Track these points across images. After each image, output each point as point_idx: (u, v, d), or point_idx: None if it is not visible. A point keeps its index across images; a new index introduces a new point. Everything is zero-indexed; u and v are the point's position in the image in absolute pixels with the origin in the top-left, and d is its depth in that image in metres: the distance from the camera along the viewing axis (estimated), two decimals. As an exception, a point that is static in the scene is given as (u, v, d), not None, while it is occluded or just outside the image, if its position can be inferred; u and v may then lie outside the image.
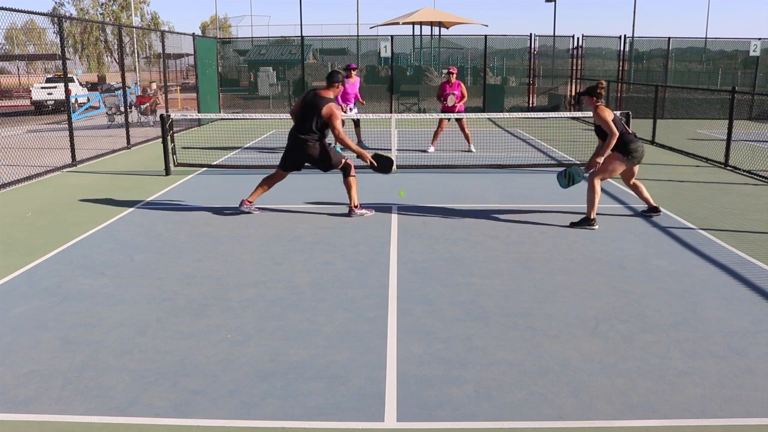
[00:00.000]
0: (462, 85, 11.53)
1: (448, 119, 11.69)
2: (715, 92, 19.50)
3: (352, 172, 6.91)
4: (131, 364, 3.66)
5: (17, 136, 13.83)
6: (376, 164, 6.93)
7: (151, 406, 3.21)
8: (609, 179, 6.88)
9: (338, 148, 8.80)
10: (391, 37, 20.05)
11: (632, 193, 7.07)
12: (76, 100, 20.48)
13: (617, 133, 6.27)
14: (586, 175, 6.63)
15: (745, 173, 9.66)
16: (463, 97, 11.53)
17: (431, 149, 11.99)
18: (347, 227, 6.60)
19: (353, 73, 11.59)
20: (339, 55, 24.15)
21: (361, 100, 11.82)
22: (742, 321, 4.21)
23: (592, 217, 6.46)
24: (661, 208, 7.33)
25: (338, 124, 6.63)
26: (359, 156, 6.79)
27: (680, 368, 3.58)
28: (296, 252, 5.77)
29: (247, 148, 12.88)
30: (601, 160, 6.40)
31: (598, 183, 6.42)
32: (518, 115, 12.30)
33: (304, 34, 21.82)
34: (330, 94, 6.74)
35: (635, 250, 5.76)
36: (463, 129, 11.83)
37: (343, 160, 6.90)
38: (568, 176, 6.80)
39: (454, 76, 11.47)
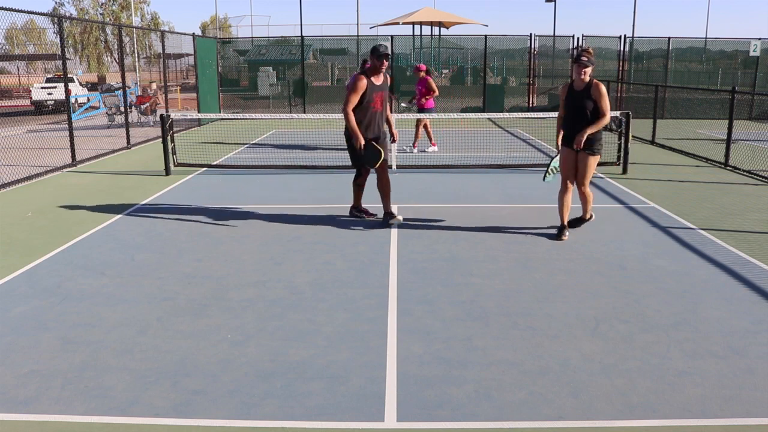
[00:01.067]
0: (429, 80, 11.50)
1: (421, 118, 11.87)
2: (715, 92, 19.49)
3: (362, 180, 6.81)
4: (131, 363, 3.66)
5: (17, 136, 13.83)
6: (363, 150, 6.44)
7: (152, 406, 3.22)
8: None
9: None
10: (391, 37, 20.07)
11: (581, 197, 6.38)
12: (76, 100, 20.49)
13: (609, 116, 6.05)
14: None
15: (745, 173, 9.66)
16: (431, 92, 11.52)
17: (433, 148, 12.00)
18: (347, 227, 6.60)
19: None
20: (339, 55, 24.14)
21: None
22: (742, 321, 4.21)
23: (587, 217, 6.46)
24: (661, 208, 7.34)
25: (351, 94, 6.27)
26: (353, 135, 6.38)
27: (680, 368, 3.58)
28: (296, 252, 5.77)
29: (247, 147, 12.89)
30: (584, 138, 5.92)
31: (588, 188, 6.31)
32: (518, 115, 12.30)
33: (304, 34, 21.84)
34: (368, 73, 6.41)
35: (635, 250, 5.76)
36: (423, 127, 11.95)
37: (366, 167, 6.66)
38: (552, 172, 6.65)
39: (422, 72, 11.53)
